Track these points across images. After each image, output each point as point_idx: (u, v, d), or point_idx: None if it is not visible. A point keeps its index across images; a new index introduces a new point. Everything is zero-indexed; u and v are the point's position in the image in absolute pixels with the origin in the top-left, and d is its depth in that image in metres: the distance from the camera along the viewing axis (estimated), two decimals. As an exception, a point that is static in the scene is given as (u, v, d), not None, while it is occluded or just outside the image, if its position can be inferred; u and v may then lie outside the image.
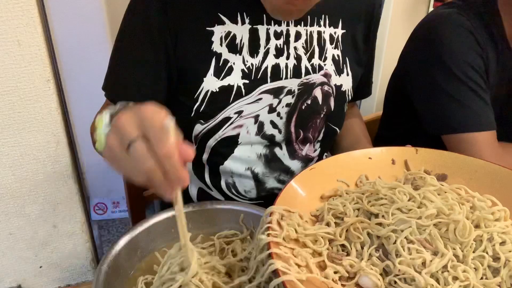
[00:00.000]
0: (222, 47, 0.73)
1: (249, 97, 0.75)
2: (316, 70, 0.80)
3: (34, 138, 0.70)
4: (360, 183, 0.68)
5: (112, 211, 2.15)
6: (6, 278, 0.78)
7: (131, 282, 0.62)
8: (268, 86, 0.76)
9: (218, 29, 0.73)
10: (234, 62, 0.74)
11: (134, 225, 0.68)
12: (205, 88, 0.74)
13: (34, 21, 0.63)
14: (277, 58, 0.76)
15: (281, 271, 0.47)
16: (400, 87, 1.06)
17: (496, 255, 0.52)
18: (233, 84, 0.74)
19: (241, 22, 0.73)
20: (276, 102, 0.78)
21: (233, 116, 0.76)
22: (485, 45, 0.91)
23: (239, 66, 0.74)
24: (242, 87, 0.75)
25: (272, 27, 0.75)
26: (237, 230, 0.69)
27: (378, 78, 1.99)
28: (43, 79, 0.67)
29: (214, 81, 0.73)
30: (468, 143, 0.89)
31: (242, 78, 0.74)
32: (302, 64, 0.78)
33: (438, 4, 2.05)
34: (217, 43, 0.73)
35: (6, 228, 0.74)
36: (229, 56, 0.74)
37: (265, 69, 0.76)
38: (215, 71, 0.73)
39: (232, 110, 0.76)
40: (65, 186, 0.75)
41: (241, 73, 0.74)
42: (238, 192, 0.85)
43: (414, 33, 1.02)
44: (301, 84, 0.79)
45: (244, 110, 0.76)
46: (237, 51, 0.74)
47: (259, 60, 0.75)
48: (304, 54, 0.78)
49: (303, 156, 0.85)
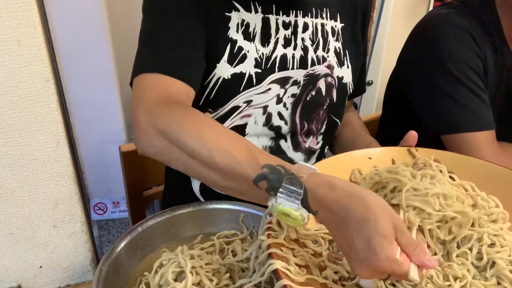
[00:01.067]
0: (238, 34, 0.73)
1: (259, 87, 0.75)
2: (320, 62, 0.80)
3: (34, 138, 0.70)
4: (354, 178, 0.68)
5: (112, 211, 2.15)
6: (6, 278, 0.78)
7: (131, 282, 0.62)
8: (276, 75, 0.76)
9: (235, 15, 0.72)
10: (248, 50, 0.74)
11: (134, 225, 0.68)
12: (217, 75, 0.73)
13: (34, 21, 0.63)
14: (285, 49, 0.76)
15: (281, 271, 0.47)
16: (399, 87, 1.06)
17: (480, 255, 0.52)
18: (245, 72, 0.74)
19: (254, 10, 0.73)
20: (282, 92, 0.78)
21: (242, 106, 0.76)
22: (483, 46, 0.91)
23: (253, 54, 0.74)
24: (253, 76, 0.74)
25: (280, 17, 0.75)
26: (237, 230, 0.69)
27: (378, 78, 1.99)
28: (43, 79, 0.67)
29: (227, 68, 0.73)
30: (467, 143, 0.89)
31: (255, 67, 0.74)
32: (308, 55, 0.79)
33: (438, 4, 2.05)
34: (233, 29, 0.72)
35: (6, 228, 0.74)
36: (243, 44, 0.73)
37: (274, 59, 0.76)
38: (229, 58, 0.73)
39: (242, 99, 0.75)
40: (65, 186, 0.75)
41: (254, 61, 0.74)
42: None
43: (413, 33, 1.02)
44: (307, 75, 0.79)
45: (253, 100, 0.76)
46: (250, 39, 0.74)
47: (270, 50, 0.75)
48: (310, 46, 0.79)
49: (306, 148, 0.86)
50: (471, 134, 0.88)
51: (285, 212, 0.48)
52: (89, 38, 1.65)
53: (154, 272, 0.59)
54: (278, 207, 0.48)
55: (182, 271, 0.57)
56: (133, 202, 1.04)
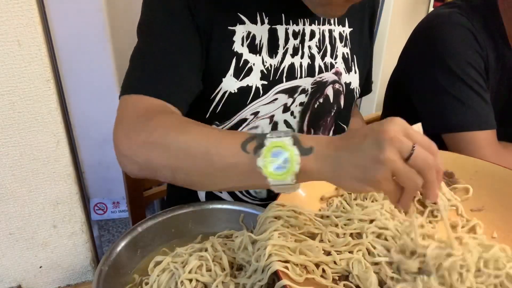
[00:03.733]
0: (243, 47, 0.72)
1: (265, 98, 0.74)
2: (328, 69, 0.80)
3: (34, 138, 0.70)
4: None
5: (112, 211, 2.15)
6: (6, 278, 0.78)
7: (131, 282, 0.62)
8: (283, 86, 0.75)
9: (240, 28, 0.71)
10: (254, 63, 0.73)
11: (134, 225, 0.68)
12: (223, 89, 0.72)
13: (34, 21, 0.63)
14: (293, 58, 0.76)
15: (281, 271, 0.47)
16: (400, 86, 1.06)
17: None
18: (252, 85, 0.73)
19: (260, 22, 0.72)
20: (290, 102, 0.77)
21: (249, 118, 0.75)
22: (485, 45, 0.91)
23: (259, 67, 0.73)
24: (260, 88, 0.73)
25: (290, 27, 0.74)
26: (237, 230, 0.69)
27: (378, 78, 1.99)
28: (43, 79, 0.66)
29: (233, 82, 0.72)
30: (468, 142, 0.89)
31: (261, 79, 0.73)
32: (316, 63, 0.78)
33: (438, 4, 2.04)
34: (238, 43, 0.71)
35: (6, 228, 0.74)
36: (249, 57, 0.72)
37: (282, 70, 0.75)
38: (235, 72, 0.72)
39: (249, 112, 0.75)
40: (65, 186, 0.75)
41: (260, 74, 0.73)
42: (248, 193, 0.84)
43: (414, 32, 1.02)
44: (315, 83, 0.78)
45: (260, 111, 0.75)
46: (257, 51, 0.73)
47: (278, 61, 0.74)
48: (317, 53, 0.78)
49: None
50: (473, 133, 0.88)
51: (281, 144, 0.47)
52: (89, 38, 1.65)
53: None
54: (270, 141, 0.47)
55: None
56: (133, 202, 1.04)
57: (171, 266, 0.59)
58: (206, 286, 0.57)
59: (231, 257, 0.60)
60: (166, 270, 0.59)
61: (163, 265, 0.60)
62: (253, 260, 0.52)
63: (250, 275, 0.53)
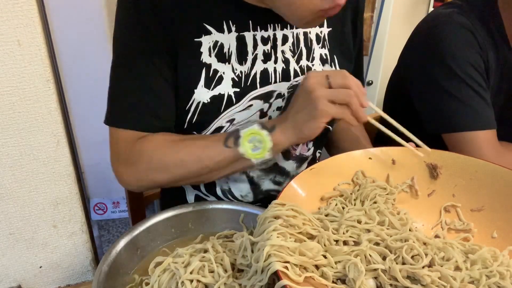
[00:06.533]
0: (211, 58, 0.72)
1: (239, 105, 0.75)
2: (304, 72, 0.79)
3: (34, 138, 0.70)
4: (357, 179, 0.68)
5: (112, 211, 2.15)
6: (6, 278, 0.78)
7: (131, 282, 0.62)
8: (257, 92, 0.75)
9: (206, 39, 0.71)
10: (224, 71, 0.73)
11: (134, 225, 0.68)
12: (196, 100, 0.73)
13: (34, 21, 0.63)
14: (265, 63, 0.75)
15: (281, 271, 0.47)
16: (400, 86, 1.06)
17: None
18: (224, 93, 0.73)
19: (227, 30, 0.72)
20: (266, 107, 0.77)
21: (225, 125, 0.76)
22: (485, 45, 0.91)
23: (229, 75, 0.73)
24: (232, 96, 0.74)
25: (258, 33, 0.74)
26: (237, 230, 0.69)
27: (378, 78, 1.99)
28: (43, 79, 0.66)
29: (205, 92, 0.73)
30: (468, 142, 0.89)
31: (233, 87, 0.74)
32: (290, 67, 0.78)
33: (438, 4, 2.04)
34: (206, 54, 0.72)
35: (6, 228, 0.74)
36: (218, 66, 0.73)
37: (254, 75, 0.75)
38: (206, 82, 0.72)
39: (224, 119, 0.75)
40: (65, 186, 0.75)
41: (231, 81, 0.73)
42: (234, 198, 0.85)
43: (415, 32, 1.02)
44: (291, 87, 0.78)
45: (235, 118, 0.76)
46: (226, 60, 0.73)
47: (248, 67, 0.74)
48: (291, 57, 0.78)
49: (297, 156, 0.85)
50: (473, 133, 0.88)
51: (253, 131, 0.67)
52: (89, 38, 1.65)
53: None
54: (243, 132, 0.67)
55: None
56: (133, 202, 1.04)
57: (172, 267, 0.59)
58: (207, 287, 0.57)
59: (233, 259, 0.60)
60: (167, 271, 0.59)
61: (164, 265, 0.60)
62: (252, 261, 0.52)
63: (250, 276, 0.53)
